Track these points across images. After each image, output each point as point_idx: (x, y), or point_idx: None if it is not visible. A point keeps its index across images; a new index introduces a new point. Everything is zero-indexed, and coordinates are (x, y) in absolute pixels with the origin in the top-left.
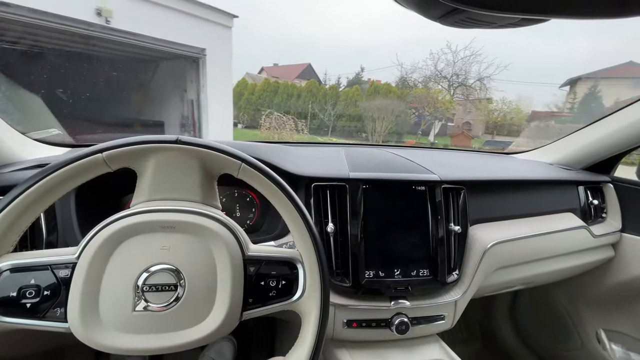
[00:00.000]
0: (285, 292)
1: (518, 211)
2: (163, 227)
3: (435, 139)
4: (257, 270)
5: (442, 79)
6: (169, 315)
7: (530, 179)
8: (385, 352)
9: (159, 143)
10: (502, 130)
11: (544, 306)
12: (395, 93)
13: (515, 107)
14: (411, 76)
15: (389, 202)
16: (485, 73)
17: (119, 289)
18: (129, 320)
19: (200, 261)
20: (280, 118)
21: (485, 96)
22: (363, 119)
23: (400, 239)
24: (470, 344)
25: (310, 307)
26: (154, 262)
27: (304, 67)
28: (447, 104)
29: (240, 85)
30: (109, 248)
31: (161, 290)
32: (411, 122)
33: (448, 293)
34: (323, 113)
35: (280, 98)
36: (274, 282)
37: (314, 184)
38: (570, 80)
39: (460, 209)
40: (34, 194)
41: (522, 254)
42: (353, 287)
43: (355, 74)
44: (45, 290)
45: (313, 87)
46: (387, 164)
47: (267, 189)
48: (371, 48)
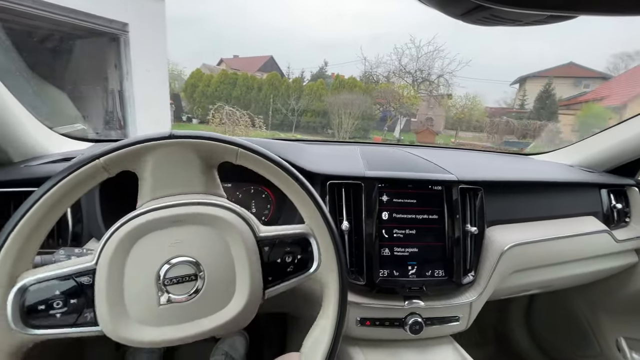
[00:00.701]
0: (302, 265)
1: (537, 213)
2: (173, 222)
3: (401, 135)
4: (271, 250)
5: (406, 74)
6: (194, 304)
7: (550, 181)
8: (398, 351)
9: (153, 141)
10: (464, 126)
11: (562, 311)
12: (361, 87)
13: (478, 103)
14: (376, 70)
15: (405, 201)
16: (448, 69)
17: (141, 287)
18: (156, 313)
19: (215, 249)
20: (233, 113)
21: (447, 92)
22: (329, 114)
23: (415, 239)
24: (484, 347)
25: (328, 277)
26: (170, 257)
27: (266, 60)
28: (412, 99)
29: (194, 76)
30: (123, 250)
31: (182, 282)
32: (377, 117)
33: (463, 294)
34: (286, 108)
35: (239, 91)
36: (290, 257)
37: (330, 182)
38: (520, 78)
39: (477, 209)
40: (41, 210)
41: (541, 257)
42: (367, 286)
43: (319, 68)
44: (71, 299)
45: (275, 80)
46: (403, 163)
47: (267, 170)
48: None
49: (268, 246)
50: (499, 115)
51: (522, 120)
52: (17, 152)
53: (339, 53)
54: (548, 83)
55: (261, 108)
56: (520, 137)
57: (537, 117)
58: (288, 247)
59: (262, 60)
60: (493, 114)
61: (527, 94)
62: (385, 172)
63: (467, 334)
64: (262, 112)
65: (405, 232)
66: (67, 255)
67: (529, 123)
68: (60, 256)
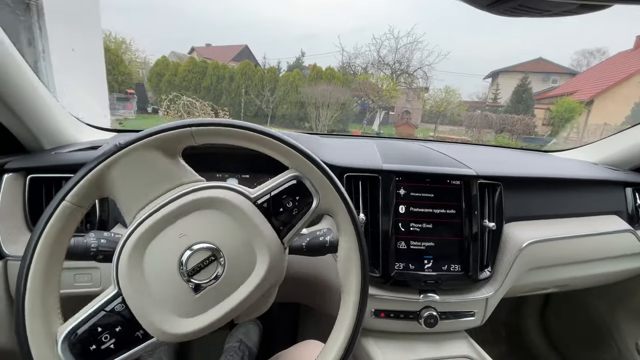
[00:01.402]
0: (304, 203)
1: (557, 211)
2: (167, 221)
3: (380, 129)
4: (269, 203)
5: (385, 65)
6: (224, 281)
7: (573, 177)
8: (412, 344)
9: (105, 159)
10: (442, 119)
11: (579, 312)
12: (339, 79)
13: (457, 96)
14: (354, 62)
15: (422, 195)
16: (427, 61)
17: (170, 287)
18: (194, 303)
19: (219, 226)
20: (192, 104)
21: (426, 85)
22: (306, 106)
23: (432, 233)
24: (496, 345)
25: (336, 205)
26: (182, 250)
27: (241, 49)
28: (391, 92)
29: (160, 64)
30: (136, 263)
31: (204, 267)
32: (356, 110)
33: (479, 290)
34: (260, 99)
35: (209, 81)
36: (290, 202)
37: (347, 174)
38: (492, 72)
39: (496, 205)
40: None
41: (560, 256)
42: (382, 278)
43: (296, 59)
44: (117, 327)
45: (248, 70)
46: (421, 156)
47: (236, 138)
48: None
49: (265, 202)
50: (473, 109)
51: (500, 114)
52: (48, 139)
53: (317, 44)
54: (524, 77)
55: (233, 99)
56: (497, 131)
57: (514, 110)
58: (284, 195)
59: (236, 50)
60: (468, 107)
61: (500, 88)
62: (403, 165)
63: (480, 332)
64: (234, 104)
65: (422, 226)
66: (97, 238)
67: (507, 117)
68: (90, 239)
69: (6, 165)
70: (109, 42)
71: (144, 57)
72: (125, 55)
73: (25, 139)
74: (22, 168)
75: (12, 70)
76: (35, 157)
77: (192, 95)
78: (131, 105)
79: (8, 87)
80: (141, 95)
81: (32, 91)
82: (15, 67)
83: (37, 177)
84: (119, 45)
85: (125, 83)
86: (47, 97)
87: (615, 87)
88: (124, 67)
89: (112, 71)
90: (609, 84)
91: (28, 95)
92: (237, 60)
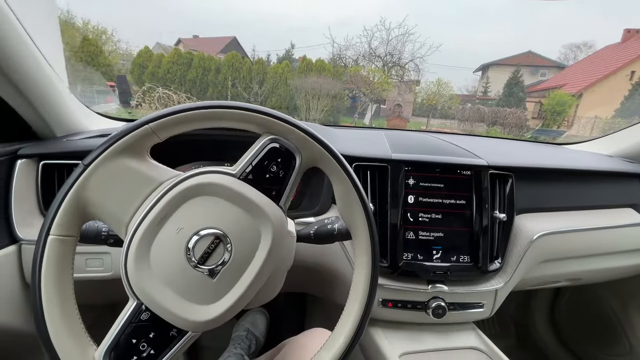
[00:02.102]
0: (288, 163)
1: (570, 203)
2: (160, 221)
3: (372, 122)
4: (254, 173)
5: (376, 58)
6: (233, 262)
7: (587, 169)
8: (420, 334)
9: (74, 184)
10: (433, 112)
11: (589, 306)
12: (329, 71)
13: (449, 89)
14: (345, 53)
15: (432, 185)
16: (419, 53)
17: (183, 280)
18: (213, 288)
19: (213, 210)
20: (169, 97)
21: (417, 78)
22: (295, 99)
23: (441, 224)
24: (504, 339)
25: (322, 157)
26: (185, 242)
27: (229, 41)
28: (383, 85)
29: (142, 55)
30: (144, 270)
31: (212, 253)
32: (347, 104)
33: (489, 281)
34: (248, 92)
35: (194, 73)
36: (274, 166)
37: (355, 164)
38: (483, 65)
39: (507, 196)
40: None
41: (572, 248)
42: (390, 268)
43: (286, 51)
44: (150, 334)
45: (235, 61)
46: (430, 146)
47: (200, 121)
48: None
49: (250, 173)
50: (464, 102)
51: (492, 107)
52: (60, 127)
53: (308, 36)
54: (516, 70)
55: (220, 92)
56: (489, 124)
57: (505, 104)
58: (265, 161)
59: (224, 42)
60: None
61: (491, 81)
62: (412, 155)
63: (487, 325)
64: (221, 97)
65: (431, 217)
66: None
67: (499, 110)
68: (101, 223)
69: (19, 152)
70: (86, 31)
71: (125, 49)
72: (106, 46)
73: (38, 127)
74: (35, 154)
75: (27, 60)
76: (47, 143)
77: (178, 88)
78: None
79: (22, 76)
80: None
81: (46, 80)
82: (31, 57)
83: (49, 163)
84: (99, 35)
85: (105, 75)
86: (59, 85)
87: (603, 81)
88: (104, 59)
89: (90, 62)
90: (598, 77)
91: (41, 83)
92: (225, 52)
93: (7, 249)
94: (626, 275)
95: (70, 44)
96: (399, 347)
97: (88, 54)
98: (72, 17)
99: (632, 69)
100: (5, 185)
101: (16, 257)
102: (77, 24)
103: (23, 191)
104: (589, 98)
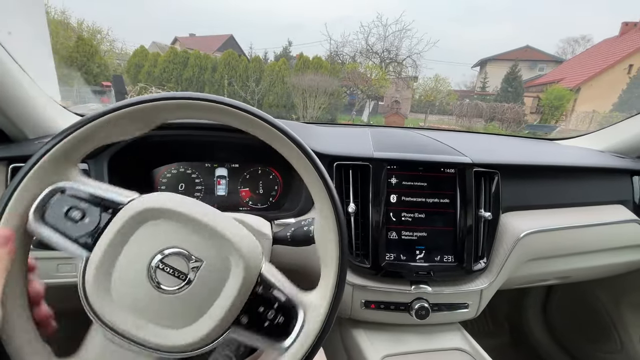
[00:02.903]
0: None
1: (559, 200)
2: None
3: (370, 119)
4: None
5: (374, 54)
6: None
7: (575, 165)
8: (403, 336)
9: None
10: (431, 108)
11: (581, 304)
12: (327, 68)
13: (447, 85)
14: (342, 50)
15: (415, 184)
16: (416, 49)
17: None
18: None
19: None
20: None
21: (415, 74)
22: (293, 97)
23: (424, 223)
24: (497, 337)
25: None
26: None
27: (226, 39)
28: (381, 81)
29: (138, 55)
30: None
31: (175, 272)
32: (344, 101)
33: (473, 281)
34: (245, 90)
35: (190, 72)
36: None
37: (336, 163)
38: (480, 60)
39: (493, 194)
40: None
41: (560, 246)
42: (372, 269)
43: (283, 48)
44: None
45: (232, 60)
46: (414, 144)
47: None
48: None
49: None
50: (462, 98)
51: (490, 103)
52: (32, 130)
53: (305, 33)
54: (514, 65)
55: (217, 90)
56: (488, 119)
57: (503, 99)
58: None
59: (221, 40)
60: (457, 96)
61: (489, 76)
62: (394, 153)
63: (479, 323)
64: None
65: (414, 216)
66: None
67: (497, 105)
68: None
69: None
70: (81, 31)
71: (121, 48)
72: (102, 45)
73: (8, 129)
74: (4, 157)
75: None
76: (17, 146)
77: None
78: (107, 99)
79: None
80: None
81: (12, 81)
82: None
83: (18, 166)
84: (94, 35)
85: (101, 75)
86: (29, 85)
87: (601, 74)
88: (99, 58)
89: (86, 63)
90: (596, 71)
91: (7, 85)
92: (222, 50)
93: None
94: (616, 272)
95: (65, 44)
96: (381, 348)
97: (83, 53)
98: (67, 18)
99: (630, 62)
100: None
101: None
102: (72, 24)
103: None
104: (587, 92)
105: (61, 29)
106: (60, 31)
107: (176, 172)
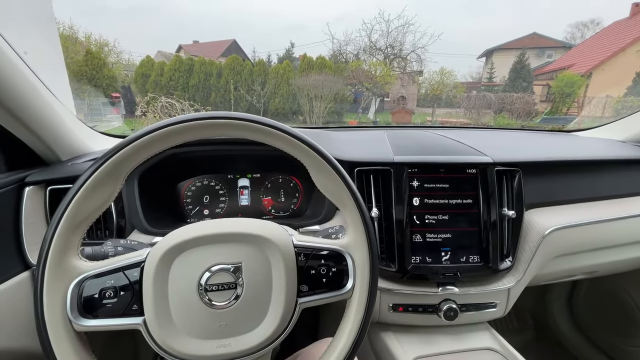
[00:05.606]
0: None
1: (583, 194)
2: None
3: (377, 117)
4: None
5: (377, 51)
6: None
7: (597, 159)
8: (432, 337)
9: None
10: (438, 102)
11: (608, 297)
12: (330, 68)
13: (453, 77)
14: (345, 49)
15: (437, 186)
16: (420, 43)
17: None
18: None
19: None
20: (171, 106)
21: (421, 68)
22: (298, 98)
23: (448, 225)
24: (522, 333)
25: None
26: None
27: (229, 44)
28: (386, 78)
29: (144, 65)
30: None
31: (221, 290)
32: (350, 100)
33: (500, 280)
34: (251, 94)
35: (196, 79)
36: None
37: (357, 169)
38: (486, 51)
39: (515, 192)
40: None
41: (587, 241)
42: (399, 272)
43: (286, 50)
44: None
45: (236, 64)
46: (433, 146)
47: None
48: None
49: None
50: (469, 90)
51: (498, 93)
52: (64, 151)
53: (307, 34)
54: (522, 53)
55: (223, 96)
56: (496, 111)
57: (511, 89)
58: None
59: (224, 45)
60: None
61: (495, 66)
62: (414, 156)
63: (504, 320)
64: (224, 100)
65: (438, 218)
66: (114, 246)
67: (505, 96)
68: (107, 247)
69: (27, 179)
70: (89, 45)
71: (127, 59)
72: (110, 57)
73: (43, 153)
74: (42, 180)
75: (24, 88)
76: (53, 169)
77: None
78: (118, 109)
79: (22, 105)
80: (129, 98)
81: (46, 107)
82: (29, 87)
83: (56, 188)
84: (101, 48)
85: (110, 87)
86: (60, 110)
87: (613, 58)
88: (108, 70)
89: (95, 75)
90: (607, 54)
91: (42, 112)
92: (226, 55)
93: (21, 275)
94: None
95: (75, 58)
96: (412, 350)
97: (92, 67)
98: (75, 32)
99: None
100: (15, 213)
101: (30, 283)
102: (80, 38)
103: (33, 217)
104: (598, 77)
105: (70, 43)
106: (69, 46)
107: (200, 185)
